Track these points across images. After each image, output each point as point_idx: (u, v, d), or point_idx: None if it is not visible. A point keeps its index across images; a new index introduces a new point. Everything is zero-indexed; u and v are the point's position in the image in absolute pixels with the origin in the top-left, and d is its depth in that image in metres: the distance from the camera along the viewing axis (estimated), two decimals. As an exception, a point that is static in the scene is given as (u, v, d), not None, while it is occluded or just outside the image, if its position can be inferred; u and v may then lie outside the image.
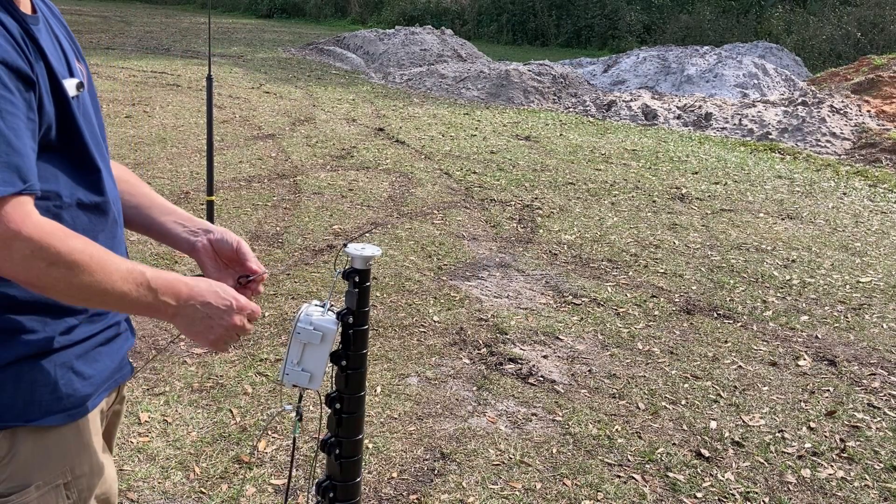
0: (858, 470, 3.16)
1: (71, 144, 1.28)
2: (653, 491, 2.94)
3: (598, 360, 3.96)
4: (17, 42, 1.18)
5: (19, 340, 1.24)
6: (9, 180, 1.11)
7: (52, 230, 1.15)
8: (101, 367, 1.36)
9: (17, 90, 1.15)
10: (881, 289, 5.18)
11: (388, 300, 4.51)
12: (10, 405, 1.24)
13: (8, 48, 1.15)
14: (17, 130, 1.13)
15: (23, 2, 1.25)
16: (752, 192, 7.54)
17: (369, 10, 26.86)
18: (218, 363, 3.65)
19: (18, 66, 1.16)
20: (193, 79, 12.11)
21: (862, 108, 10.90)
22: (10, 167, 1.11)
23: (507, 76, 12.87)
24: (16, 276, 1.15)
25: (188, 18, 24.44)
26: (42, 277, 1.15)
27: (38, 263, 1.13)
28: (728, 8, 22.64)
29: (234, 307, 1.34)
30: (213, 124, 4.62)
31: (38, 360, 1.26)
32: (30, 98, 1.17)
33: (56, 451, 1.30)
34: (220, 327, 1.33)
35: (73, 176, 1.29)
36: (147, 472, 2.83)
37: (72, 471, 1.32)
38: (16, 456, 1.25)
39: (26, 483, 1.26)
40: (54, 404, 1.28)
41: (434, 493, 2.84)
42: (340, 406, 1.51)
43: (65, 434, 1.31)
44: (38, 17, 1.28)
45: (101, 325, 1.36)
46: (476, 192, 6.92)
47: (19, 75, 1.16)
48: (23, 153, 1.14)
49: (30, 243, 1.12)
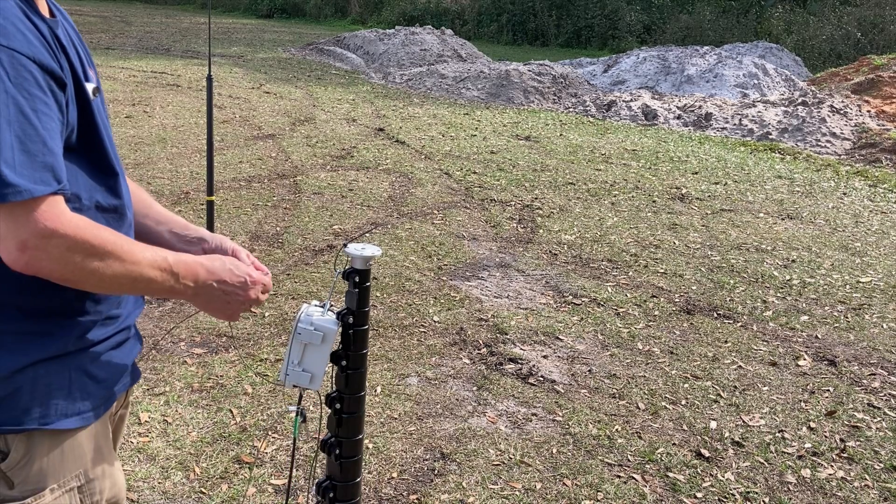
0: (858, 470, 3.16)
1: (91, 147, 1.31)
2: (653, 491, 2.94)
3: (598, 360, 3.96)
4: (49, 44, 1.20)
5: (36, 344, 1.25)
6: (46, 180, 1.13)
7: (84, 225, 1.19)
8: (114, 371, 1.38)
9: (50, 91, 1.17)
10: (881, 289, 5.18)
11: (388, 300, 4.51)
12: (27, 408, 1.25)
13: (42, 50, 1.17)
14: (52, 131, 1.16)
15: (42, 6, 1.27)
16: (752, 192, 7.54)
17: (369, 10, 26.86)
18: (218, 363, 3.65)
19: (52, 67, 1.18)
20: (193, 79, 12.11)
21: (862, 108, 10.90)
22: (46, 167, 1.14)
23: (507, 76, 12.87)
24: (52, 273, 1.17)
25: (188, 18, 24.44)
26: (78, 271, 1.18)
27: (75, 258, 1.17)
28: (728, 8, 22.64)
29: (248, 283, 1.43)
30: (213, 124, 4.62)
31: (53, 364, 1.27)
32: (61, 99, 1.20)
33: (71, 455, 1.30)
34: (236, 302, 1.42)
35: (92, 178, 1.31)
36: (147, 472, 2.83)
37: (86, 474, 1.33)
38: (32, 459, 1.26)
39: (42, 486, 1.27)
40: (69, 407, 1.29)
41: (434, 493, 2.84)
42: (340, 406, 1.51)
43: (79, 437, 1.32)
44: (58, 22, 1.30)
45: (112, 329, 1.37)
46: (476, 193, 6.92)
47: (53, 76, 1.18)
48: (57, 153, 1.17)
49: (66, 239, 1.15)
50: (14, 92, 1.12)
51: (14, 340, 1.23)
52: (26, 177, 1.11)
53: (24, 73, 1.13)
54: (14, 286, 1.22)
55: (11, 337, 1.23)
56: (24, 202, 1.11)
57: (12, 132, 1.11)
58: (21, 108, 1.12)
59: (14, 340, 1.23)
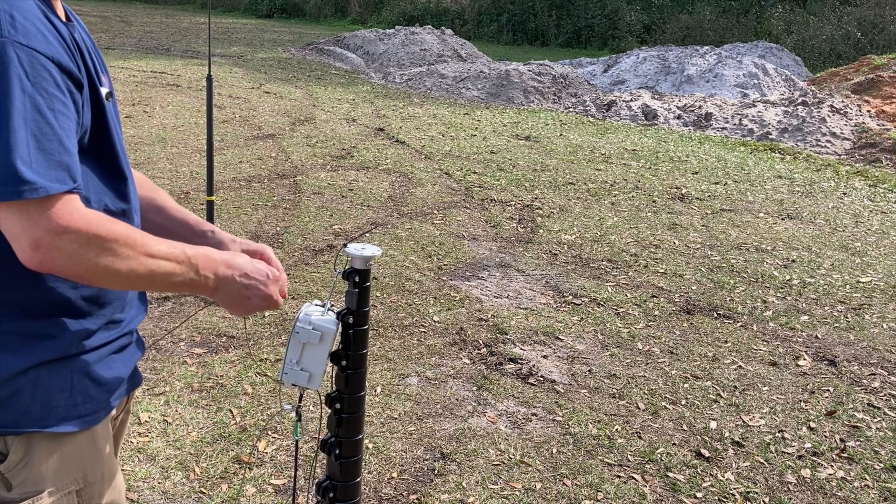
0: (858, 470, 3.16)
1: (102, 150, 1.31)
2: (653, 491, 2.94)
3: (598, 360, 3.96)
4: (68, 45, 1.22)
5: (38, 346, 1.24)
6: (61, 178, 1.14)
7: (97, 220, 1.18)
8: (116, 374, 1.37)
9: (67, 91, 1.18)
10: (881, 289, 5.18)
11: (388, 300, 4.51)
12: (27, 410, 1.24)
13: (61, 50, 1.18)
14: (68, 130, 1.17)
15: (59, 10, 1.28)
16: (752, 192, 7.54)
17: (369, 10, 26.86)
18: (218, 363, 3.65)
19: (70, 67, 1.19)
20: (193, 79, 12.11)
21: (862, 108, 10.90)
22: (62, 166, 1.14)
23: (507, 76, 12.87)
24: (67, 270, 1.17)
25: (188, 18, 24.44)
26: (92, 267, 1.17)
27: (89, 254, 1.16)
28: (728, 8, 22.64)
29: (270, 278, 1.41)
30: (213, 124, 4.62)
31: (55, 366, 1.26)
32: (77, 99, 1.21)
33: (70, 458, 1.30)
34: (256, 297, 1.40)
35: (101, 181, 1.32)
36: (147, 472, 2.83)
37: (85, 478, 1.32)
38: (31, 461, 1.26)
39: (40, 489, 1.26)
40: (70, 410, 1.28)
41: (434, 493, 2.84)
42: (340, 406, 1.51)
43: (79, 441, 1.31)
44: (74, 26, 1.31)
45: (115, 333, 1.37)
46: (476, 192, 6.92)
47: (70, 77, 1.19)
48: (72, 152, 1.17)
49: (78, 235, 1.15)
50: (32, 90, 1.12)
51: (17, 341, 1.23)
52: (42, 175, 1.11)
53: (43, 72, 1.14)
54: (19, 286, 1.22)
55: (15, 338, 1.23)
56: (39, 200, 1.11)
57: (29, 130, 1.11)
58: (38, 106, 1.13)
59: (17, 341, 1.23)
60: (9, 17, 1.14)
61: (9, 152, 1.10)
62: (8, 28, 1.13)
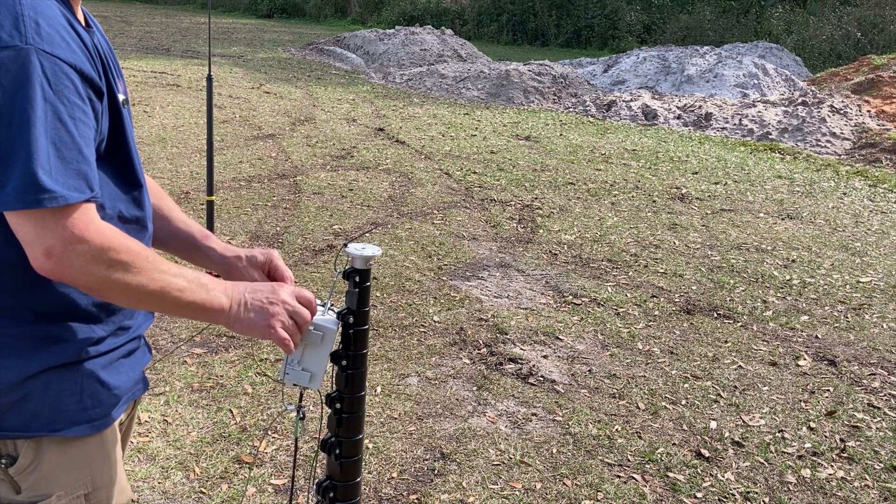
0: (858, 470, 3.16)
1: (118, 158, 1.31)
2: (653, 491, 2.94)
3: (598, 360, 3.96)
4: (90, 53, 1.22)
5: (49, 350, 1.24)
6: (79, 187, 1.14)
7: (112, 234, 1.18)
8: (124, 379, 1.37)
9: (88, 100, 1.18)
10: (881, 289, 5.18)
11: (388, 300, 4.51)
12: (37, 414, 1.24)
13: (83, 58, 1.19)
14: (87, 139, 1.17)
15: (80, 16, 1.28)
16: (752, 192, 7.54)
17: (369, 10, 26.86)
18: (218, 363, 3.65)
19: (91, 76, 1.19)
20: (193, 79, 12.11)
21: (862, 108, 10.90)
22: (80, 175, 1.14)
23: (507, 76, 12.87)
24: (76, 280, 1.17)
25: (188, 18, 24.44)
26: (102, 280, 1.17)
27: (100, 266, 1.16)
28: (728, 8, 22.65)
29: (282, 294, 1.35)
30: (213, 124, 4.62)
31: (65, 370, 1.26)
32: (97, 108, 1.21)
33: (79, 462, 1.30)
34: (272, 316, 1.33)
35: (117, 188, 1.31)
36: (147, 472, 2.83)
37: (93, 482, 1.32)
38: (40, 465, 1.26)
39: (49, 492, 1.27)
40: (80, 414, 1.28)
41: (434, 493, 2.84)
42: (341, 406, 1.51)
43: (88, 445, 1.31)
44: (94, 32, 1.31)
45: (124, 339, 1.37)
46: (476, 192, 6.92)
47: (91, 85, 1.19)
48: (91, 161, 1.17)
49: (91, 246, 1.14)
50: (53, 98, 1.12)
51: (28, 346, 1.23)
52: (61, 183, 1.11)
53: (66, 80, 1.14)
54: (31, 291, 1.22)
55: (25, 342, 1.23)
56: (56, 208, 1.11)
57: (49, 138, 1.11)
58: (59, 114, 1.13)
59: (28, 346, 1.23)
60: (34, 25, 1.13)
61: (30, 160, 1.10)
62: (33, 35, 1.13)
